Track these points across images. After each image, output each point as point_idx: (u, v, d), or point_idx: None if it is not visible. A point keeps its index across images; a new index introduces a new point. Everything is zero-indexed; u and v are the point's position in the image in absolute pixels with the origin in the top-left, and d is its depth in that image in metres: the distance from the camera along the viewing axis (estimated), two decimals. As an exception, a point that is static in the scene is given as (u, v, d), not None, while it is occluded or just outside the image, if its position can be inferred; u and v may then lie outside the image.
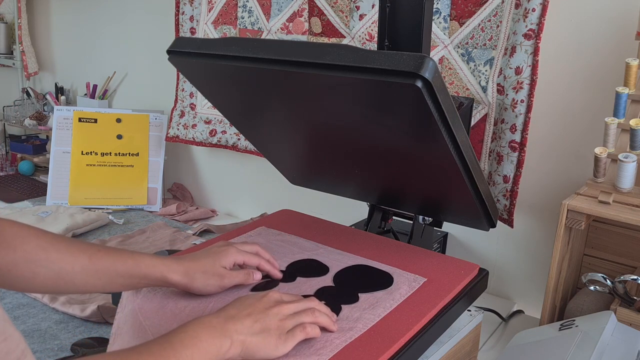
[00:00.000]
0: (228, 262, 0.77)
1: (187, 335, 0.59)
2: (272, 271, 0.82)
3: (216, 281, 0.75)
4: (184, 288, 0.75)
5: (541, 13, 1.09)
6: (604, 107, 1.11)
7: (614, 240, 1.12)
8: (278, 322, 0.65)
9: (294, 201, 1.49)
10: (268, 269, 0.82)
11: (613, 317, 0.85)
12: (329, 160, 1.00)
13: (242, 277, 0.78)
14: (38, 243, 0.69)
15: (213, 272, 0.75)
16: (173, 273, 0.73)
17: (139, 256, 0.73)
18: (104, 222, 1.58)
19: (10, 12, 2.33)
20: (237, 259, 0.79)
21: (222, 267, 0.76)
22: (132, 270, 0.72)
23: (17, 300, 1.16)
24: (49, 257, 0.68)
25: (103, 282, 0.71)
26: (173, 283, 0.74)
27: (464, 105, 1.04)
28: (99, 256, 0.71)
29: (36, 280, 0.68)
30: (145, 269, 0.72)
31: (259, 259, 0.81)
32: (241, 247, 0.81)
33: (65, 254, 0.69)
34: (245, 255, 0.80)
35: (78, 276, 0.70)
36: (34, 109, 2.28)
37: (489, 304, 1.22)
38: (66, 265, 0.69)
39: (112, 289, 0.74)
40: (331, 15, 1.40)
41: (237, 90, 0.90)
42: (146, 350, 0.57)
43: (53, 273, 0.69)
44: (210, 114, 1.71)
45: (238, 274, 0.78)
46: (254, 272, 0.79)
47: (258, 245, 0.84)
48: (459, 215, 0.99)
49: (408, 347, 0.69)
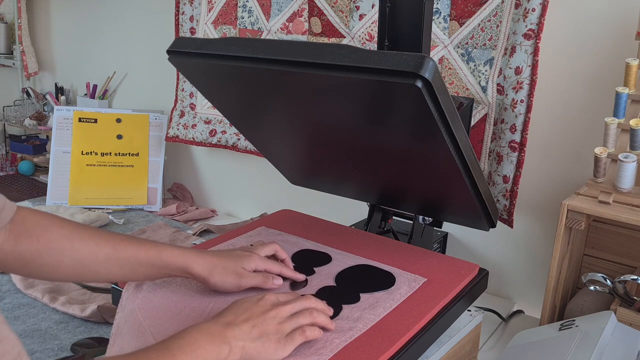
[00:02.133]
0: (250, 266, 0.78)
1: (185, 341, 0.59)
2: (294, 277, 0.82)
3: (234, 279, 0.76)
4: (203, 281, 0.75)
5: (541, 13, 1.09)
6: (604, 107, 1.11)
7: (614, 240, 1.12)
8: (276, 325, 0.65)
9: (294, 201, 1.49)
10: (290, 275, 0.82)
11: (613, 317, 0.85)
12: (329, 160, 1.00)
13: (260, 279, 0.78)
14: (61, 232, 0.70)
15: (233, 270, 0.76)
16: (195, 264, 0.74)
17: (161, 246, 0.74)
18: (104, 222, 1.58)
19: (10, 12, 2.33)
20: (259, 266, 0.79)
21: (242, 268, 0.77)
22: (155, 260, 0.73)
23: (17, 300, 1.16)
24: (73, 245, 0.70)
25: (126, 271, 0.73)
26: (193, 274, 0.74)
27: (464, 105, 1.04)
28: (122, 246, 0.72)
29: (60, 269, 0.70)
30: (167, 258, 0.73)
31: (281, 267, 0.81)
32: (262, 252, 0.82)
33: (89, 243, 0.71)
34: (268, 263, 0.80)
35: (102, 265, 0.71)
36: (34, 109, 2.28)
37: (489, 304, 1.22)
38: (90, 254, 0.70)
39: (134, 278, 0.75)
40: (331, 15, 1.40)
41: (237, 90, 0.90)
42: (144, 356, 0.57)
43: (77, 262, 0.70)
44: (210, 114, 1.71)
45: (256, 275, 0.78)
46: (274, 277, 0.79)
47: (276, 244, 0.85)
48: (459, 215, 0.99)
49: (408, 347, 0.69)
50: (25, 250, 0.68)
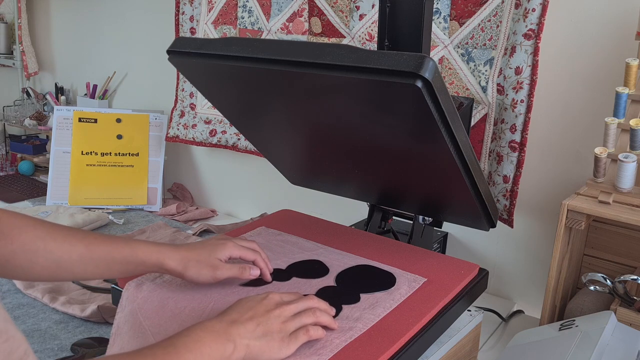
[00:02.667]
0: (224, 255, 0.78)
1: (190, 339, 0.59)
2: (264, 270, 0.82)
3: (209, 272, 0.76)
4: (178, 275, 0.76)
5: (541, 13, 1.09)
6: (604, 107, 1.11)
7: (614, 240, 1.12)
8: (280, 324, 0.65)
9: (294, 201, 1.49)
10: (262, 266, 0.81)
11: (613, 317, 0.85)
12: (329, 160, 1.00)
13: (236, 270, 0.78)
14: (35, 233, 0.70)
15: (207, 262, 0.76)
16: (169, 259, 0.74)
17: (135, 243, 0.74)
18: (104, 222, 1.58)
19: (10, 12, 2.33)
20: (233, 253, 0.79)
21: (217, 259, 0.77)
22: (129, 257, 0.73)
23: (17, 300, 1.16)
24: (47, 246, 0.70)
25: (101, 269, 0.73)
26: (168, 269, 0.75)
27: (464, 105, 1.04)
28: (96, 244, 0.72)
29: (34, 269, 0.70)
30: (142, 255, 0.73)
31: (256, 255, 0.81)
32: (239, 242, 0.81)
33: (62, 243, 0.71)
34: (242, 250, 0.80)
35: (76, 264, 0.71)
36: (34, 109, 2.28)
37: (489, 304, 1.22)
38: (64, 254, 0.71)
39: (110, 276, 0.76)
40: (331, 15, 1.40)
41: (237, 90, 0.90)
42: (150, 353, 0.57)
43: (51, 262, 0.70)
44: (210, 114, 1.71)
45: (232, 267, 0.77)
46: (251, 268, 0.79)
47: (255, 243, 0.84)
48: (459, 215, 0.99)
49: (408, 347, 0.69)
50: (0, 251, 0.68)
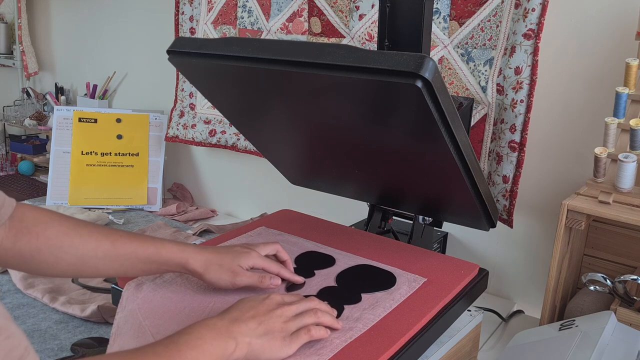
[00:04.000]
0: (247, 263, 0.77)
1: (192, 336, 0.59)
2: (292, 279, 0.82)
3: (229, 277, 0.75)
4: (198, 276, 0.76)
5: (541, 13, 1.09)
6: (604, 107, 1.10)
7: (614, 240, 1.12)
8: (282, 324, 0.65)
9: (294, 201, 1.49)
10: (288, 277, 0.81)
11: (613, 317, 0.85)
12: (329, 160, 1.00)
13: (256, 278, 0.77)
14: (60, 229, 0.70)
15: (229, 267, 0.76)
16: (192, 260, 0.75)
17: (159, 242, 0.75)
18: (104, 222, 1.58)
19: (10, 12, 2.33)
20: (256, 263, 0.78)
21: (238, 266, 0.77)
22: (153, 256, 0.74)
23: (17, 300, 1.16)
24: (72, 242, 0.70)
25: (125, 267, 0.73)
26: (190, 270, 0.75)
27: (464, 105, 1.04)
28: (121, 242, 0.73)
29: (60, 265, 0.70)
30: (166, 255, 0.74)
31: (279, 268, 0.80)
32: (263, 251, 0.81)
33: (88, 240, 0.71)
34: (266, 262, 0.80)
35: (101, 261, 0.72)
36: (34, 109, 2.28)
37: (489, 304, 1.22)
38: (89, 251, 0.71)
39: (133, 274, 0.76)
40: (331, 15, 1.40)
41: (237, 90, 0.90)
42: (151, 350, 0.57)
43: (76, 258, 0.71)
44: (210, 114, 1.71)
45: (252, 274, 0.77)
46: (271, 277, 0.78)
47: (279, 245, 0.84)
48: (459, 215, 0.99)
49: (408, 347, 0.69)
50: (25, 247, 0.68)
